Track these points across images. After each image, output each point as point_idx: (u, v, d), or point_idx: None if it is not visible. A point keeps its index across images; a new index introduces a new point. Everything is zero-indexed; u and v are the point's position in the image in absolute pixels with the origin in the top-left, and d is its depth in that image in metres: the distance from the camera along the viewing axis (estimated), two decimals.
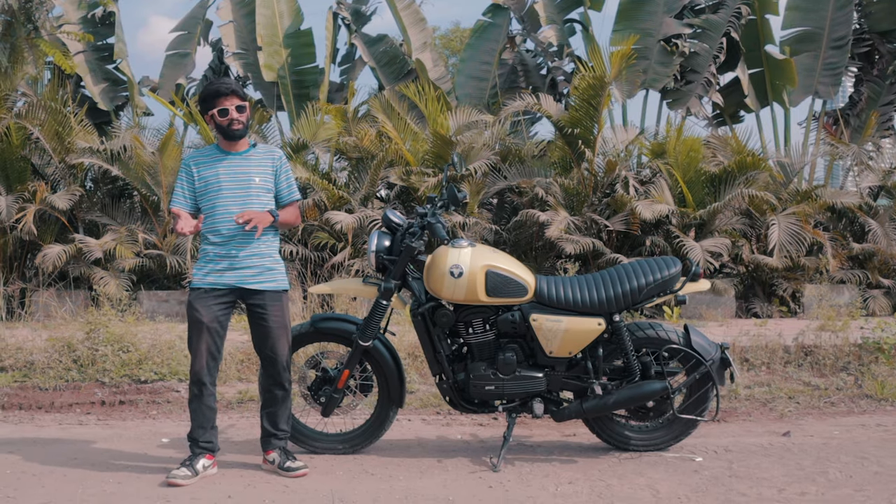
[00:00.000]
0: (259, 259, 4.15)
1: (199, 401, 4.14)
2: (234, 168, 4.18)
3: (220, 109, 4.11)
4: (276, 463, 4.20)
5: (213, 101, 4.11)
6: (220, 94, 4.11)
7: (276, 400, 4.26)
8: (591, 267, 9.65)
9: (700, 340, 4.39)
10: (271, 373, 4.24)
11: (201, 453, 4.13)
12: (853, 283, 9.94)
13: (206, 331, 4.10)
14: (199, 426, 4.15)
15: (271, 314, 4.17)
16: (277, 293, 4.21)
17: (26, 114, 10.14)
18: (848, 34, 12.36)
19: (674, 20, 12.46)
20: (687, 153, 9.81)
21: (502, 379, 4.27)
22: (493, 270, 4.23)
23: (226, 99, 4.11)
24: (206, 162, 4.21)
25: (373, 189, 10.37)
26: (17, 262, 10.08)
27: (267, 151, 4.32)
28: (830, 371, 6.34)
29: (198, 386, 4.13)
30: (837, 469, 4.16)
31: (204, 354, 4.11)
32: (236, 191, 4.15)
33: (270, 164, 4.26)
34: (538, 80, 14.16)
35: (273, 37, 13.57)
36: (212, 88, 4.15)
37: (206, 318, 4.09)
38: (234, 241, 4.12)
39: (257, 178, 4.19)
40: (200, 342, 4.10)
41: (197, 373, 4.12)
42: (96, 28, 13.42)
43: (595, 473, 4.13)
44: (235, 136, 4.17)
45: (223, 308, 4.15)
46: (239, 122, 4.14)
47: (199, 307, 4.10)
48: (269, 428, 4.27)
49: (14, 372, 6.38)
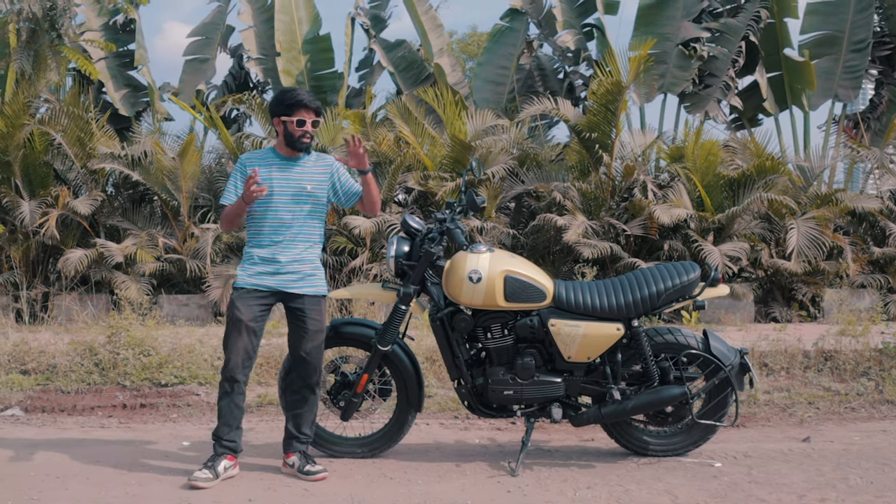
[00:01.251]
0: (301, 264, 4.23)
1: (229, 398, 4.20)
2: (288, 174, 4.24)
3: (299, 120, 4.17)
4: (296, 466, 4.23)
5: (296, 109, 4.17)
6: (304, 105, 4.18)
7: (305, 402, 4.30)
8: (609, 271, 9.63)
9: (719, 345, 4.39)
10: (302, 374, 4.29)
11: (223, 453, 4.18)
12: (874, 287, 9.86)
13: (245, 329, 4.16)
14: (225, 423, 4.21)
15: (310, 317, 4.24)
16: (317, 298, 4.27)
17: (49, 120, 10.25)
18: (868, 37, 12.27)
19: (692, 24, 12.43)
20: (705, 157, 9.77)
21: (521, 384, 4.28)
22: (512, 276, 4.24)
23: (307, 111, 4.18)
24: (261, 164, 4.24)
25: (391, 193, 10.40)
26: (39, 266, 10.19)
27: (319, 158, 4.37)
28: (851, 376, 6.30)
29: (230, 383, 4.18)
30: (858, 475, 4.14)
31: (241, 352, 4.17)
32: (287, 196, 4.21)
33: (325, 172, 4.33)
34: (556, 84, 14.15)
35: (292, 42, 13.65)
36: (297, 97, 4.20)
37: (246, 318, 4.15)
38: (279, 246, 4.20)
39: (309, 186, 4.24)
40: (238, 340, 4.16)
41: (231, 369, 4.17)
42: (117, 35, 13.55)
43: (613, 479, 4.13)
44: (302, 148, 4.23)
45: (262, 309, 4.22)
46: (309, 137, 4.23)
47: (241, 306, 4.17)
48: (293, 430, 4.31)
49: (37, 375, 6.45)
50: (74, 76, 12.76)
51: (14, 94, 10.07)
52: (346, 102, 13.50)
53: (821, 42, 12.54)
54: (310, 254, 4.27)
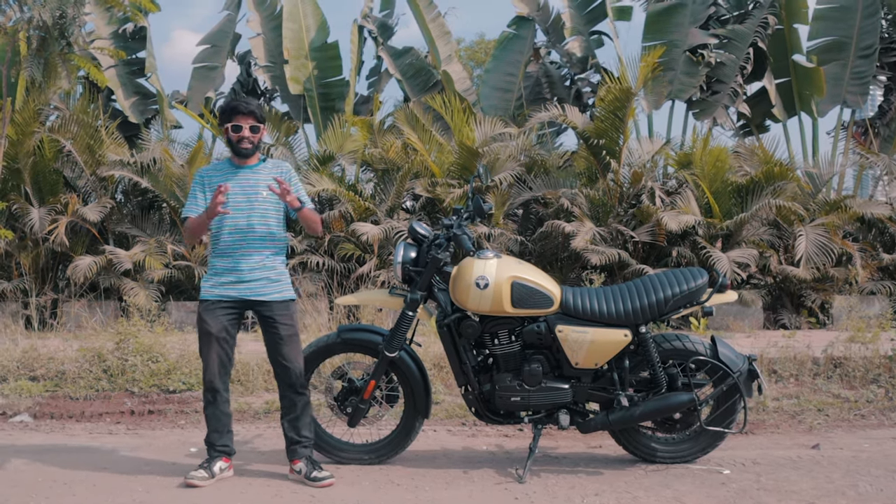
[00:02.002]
0: (264, 271, 4.24)
1: (213, 407, 4.26)
2: (243, 181, 4.26)
3: (234, 126, 4.22)
4: (303, 473, 4.24)
5: (231, 116, 4.24)
6: (238, 111, 4.23)
7: (296, 405, 4.32)
8: (617, 278, 9.62)
9: (727, 352, 4.37)
10: (286, 381, 4.31)
11: (218, 456, 4.25)
12: (883, 294, 9.82)
13: (216, 341, 4.20)
14: (214, 430, 4.27)
15: (281, 323, 4.26)
16: (285, 303, 4.29)
17: (59, 127, 10.32)
18: (876, 43, 12.25)
19: (700, 31, 12.43)
20: (713, 163, 9.76)
21: (528, 390, 4.27)
22: (519, 282, 4.23)
23: (242, 117, 4.22)
24: (217, 176, 4.30)
25: (399, 200, 10.42)
26: (49, 273, 10.24)
27: (275, 165, 4.40)
28: (860, 383, 6.27)
29: (212, 393, 4.25)
30: (868, 482, 4.12)
31: (215, 363, 4.22)
32: (243, 203, 4.22)
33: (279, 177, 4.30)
34: (563, 91, 14.16)
35: (300, 50, 13.70)
36: (232, 104, 4.29)
37: (215, 329, 4.20)
38: (240, 254, 4.22)
39: (264, 192, 4.25)
40: (211, 351, 4.21)
41: (210, 381, 4.23)
42: (127, 43, 13.63)
43: (621, 485, 4.12)
44: (242, 153, 4.27)
45: (231, 318, 4.25)
46: (249, 142, 4.24)
47: (208, 318, 4.21)
48: (292, 435, 4.32)
49: (46, 381, 6.48)
50: (84, 84, 12.83)
51: (24, 102, 10.15)
52: (354, 110, 13.54)
53: (829, 48, 12.52)
54: (272, 260, 4.27)
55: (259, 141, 4.30)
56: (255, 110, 4.25)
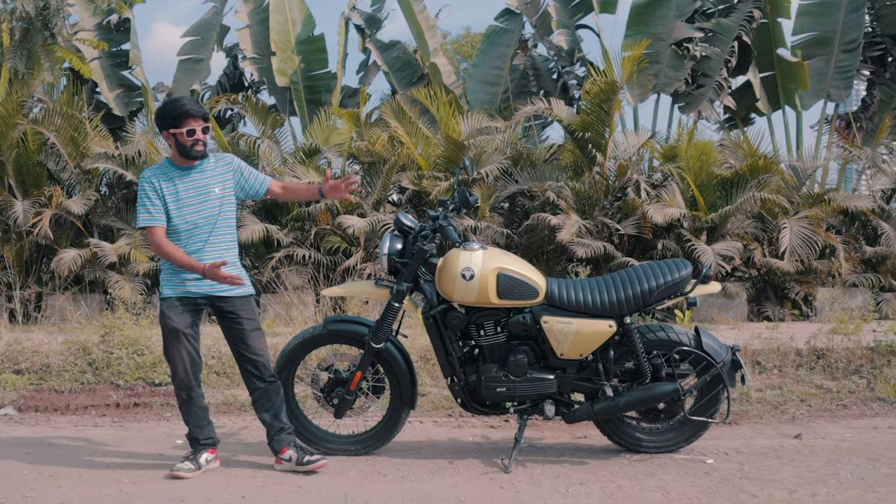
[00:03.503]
0: (226, 268, 4.14)
1: (189, 405, 4.26)
2: (193, 182, 4.21)
3: (189, 130, 4.10)
4: (294, 460, 4.24)
5: (184, 120, 4.10)
6: (190, 114, 4.11)
7: (268, 393, 4.31)
8: (603, 270, 9.65)
9: (711, 342, 4.40)
10: (255, 373, 4.30)
11: (204, 448, 4.27)
12: (866, 286, 9.90)
13: (184, 337, 4.18)
14: (196, 426, 4.28)
15: (244, 317, 4.26)
16: (246, 297, 4.29)
17: (43, 119, 10.23)
18: (860, 37, 12.32)
19: (685, 24, 12.46)
20: (698, 157, 9.81)
21: (513, 381, 4.29)
22: (505, 273, 4.25)
23: (195, 120, 4.12)
24: (164, 178, 4.20)
25: (385, 193, 10.42)
26: (33, 266, 10.18)
27: (219, 160, 4.34)
28: (842, 374, 6.33)
29: (186, 391, 4.23)
30: (849, 471, 4.17)
31: (185, 360, 4.20)
32: (197, 204, 4.18)
33: (229, 172, 4.31)
34: (550, 84, 14.18)
35: (286, 42, 13.65)
36: (182, 109, 4.11)
37: (182, 326, 4.17)
38: (199, 253, 4.17)
39: (217, 189, 4.23)
40: (180, 349, 4.18)
41: (182, 379, 4.20)
42: (111, 34, 13.53)
43: (606, 475, 4.15)
44: (196, 156, 4.18)
45: (194, 314, 4.25)
46: (203, 144, 4.18)
47: (173, 315, 4.17)
48: (271, 421, 4.32)
49: (30, 375, 6.45)
50: (68, 76, 12.73)
51: (7, 94, 10.07)
52: (341, 103, 13.50)
53: (813, 42, 12.58)
54: (229, 255, 4.25)
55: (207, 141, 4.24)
56: (205, 112, 4.19)
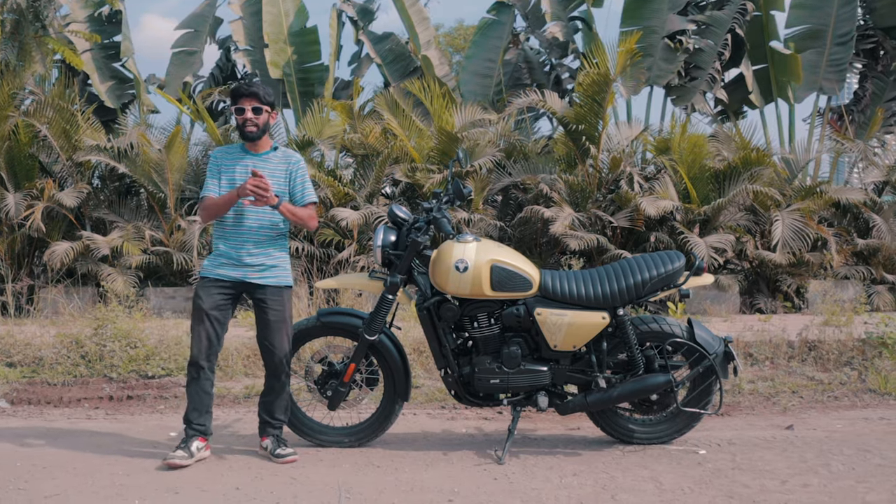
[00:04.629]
0: (263, 256, 4.30)
1: (196, 384, 4.29)
2: (250, 169, 4.25)
3: (238, 108, 4.27)
4: (269, 449, 4.34)
5: (235, 99, 4.30)
6: (240, 93, 4.29)
7: (273, 390, 4.39)
8: (596, 263, 9.66)
9: (703, 334, 4.42)
10: (269, 364, 4.38)
11: (195, 435, 4.29)
12: (857, 278, 9.94)
13: (206, 317, 4.24)
14: (194, 408, 4.31)
15: (271, 308, 4.31)
16: (279, 289, 4.33)
17: (34, 112, 10.18)
18: (852, 30, 12.34)
19: (678, 17, 12.46)
20: (691, 149, 9.81)
21: (507, 372, 4.31)
22: (498, 265, 4.26)
23: (245, 99, 4.27)
24: (229, 159, 4.38)
25: (378, 186, 10.40)
26: (25, 259, 10.13)
27: (285, 156, 4.44)
28: (834, 366, 6.36)
29: (196, 369, 4.28)
30: (840, 462, 4.20)
31: (203, 339, 4.26)
32: None
33: (285, 168, 4.38)
34: (542, 77, 14.17)
35: (278, 34, 13.61)
36: (235, 88, 4.34)
37: (207, 305, 4.24)
38: (242, 238, 4.28)
39: (270, 181, 4.25)
40: (201, 328, 4.26)
41: (195, 356, 4.27)
42: (103, 27, 13.46)
43: (599, 466, 4.17)
44: (248, 136, 4.31)
45: (225, 298, 4.29)
46: (252, 124, 4.27)
47: (202, 294, 4.26)
48: (265, 416, 4.42)
49: (23, 367, 6.44)
50: (60, 68, 12.67)
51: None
52: (334, 95, 13.47)
53: (806, 35, 12.60)
54: (272, 246, 4.33)
55: (265, 124, 4.32)
56: (257, 91, 4.28)
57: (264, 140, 4.38)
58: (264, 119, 4.29)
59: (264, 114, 4.29)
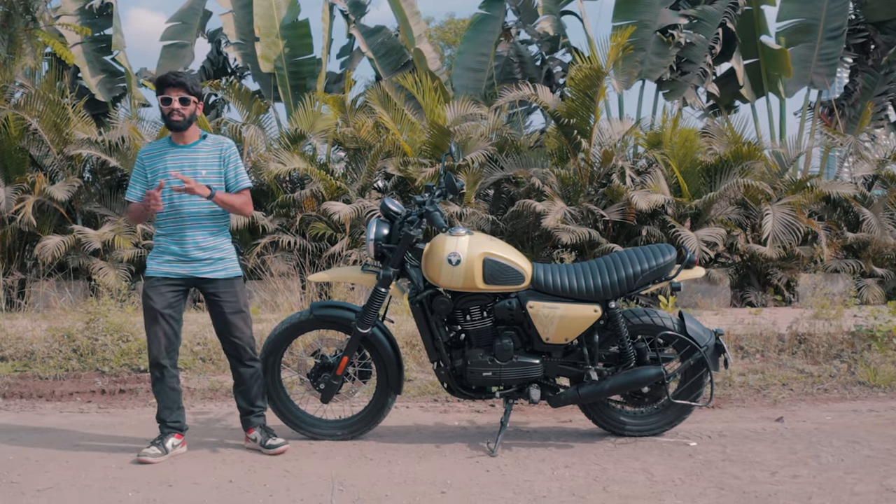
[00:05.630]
0: (208, 250, 4.26)
1: (161, 383, 4.29)
2: (181, 161, 4.25)
3: (164, 98, 4.19)
4: (259, 441, 4.34)
5: (163, 88, 4.21)
6: (167, 83, 4.21)
7: (244, 378, 4.39)
8: (588, 256, 9.69)
9: (694, 327, 4.44)
10: (233, 354, 4.38)
11: (170, 432, 4.29)
12: (847, 272, 10.00)
13: (161, 317, 4.22)
14: (165, 407, 4.31)
15: (225, 300, 4.30)
16: (229, 280, 4.33)
17: (24, 105, 10.14)
18: (843, 25, 12.38)
19: (670, 11, 12.48)
20: (683, 143, 9.85)
21: (499, 365, 4.32)
22: (491, 258, 4.27)
23: (172, 89, 4.19)
24: (155, 155, 4.31)
25: (370, 179, 10.41)
26: (16, 252, 10.10)
27: (215, 143, 4.37)
28: (824, 358, 6.40)
29: (158, 369, 4.27)
30: (829, 453, 4.23)
31: (161, 340, 4.24)
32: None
33: (218, 155, 4.33)
34: (534, 71, 14.17)
35: (270, 28, 13.58)
36: (162, 76, 4.26)
37: (160, 305, 4.22)
38: (183, 233, 4.23)
39: (203, 171, 4.25)
40: (156, 328, 4.23)
41: (155, 357, 4.25)
42: (93, 19, 13.40)
43: (591, 458, 4.19)
44: (173, 126, 4.24)
45: (176, 295, 4.28)
46: (179, 115, 4.21)
47: (153, 295, 4.23)
48: (244, 406, 4.42)
49: (14, 361, 6.42)
50: (50, 61, 12.62)
51: None
52: (325, 88, 13.44)
53: (797, 30, 12.64)
54: (215, 238, 4.30)
55: (191, 114, 4.25)
56: (184, 81, 4.21)
57: (192, 130, 4.30)
58: (191, 110, 4.24)
59: (191, 104, 4.22)
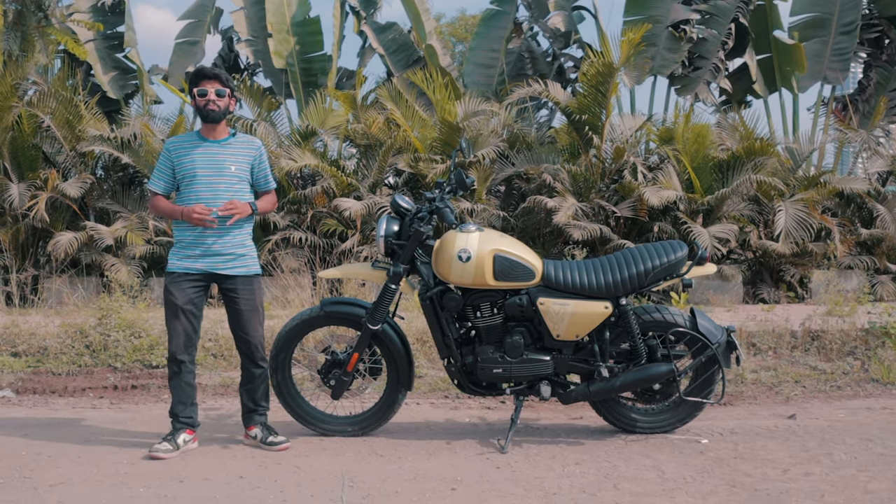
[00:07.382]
0: (231, 247, 4.28)
1: (178, 378, 4.31)
2: (210, 156, 4.27)
3: (200, 90, 4.22)
4: (259, 438, 4.36)
5: (198, 81, 4.25)
6: (203, 75, 4.26)
7: (253, 377, 4.41)
8: (599, 253, 9.66)
9: (706, 323, 4.42)
10: (245, 352, 4.40)
11: (182, 428, 4.31)
12: (861, 268, 9.93)
13: (182, 313, 4.25)
14: (179, 402, 4.32)
15: (242, 297, 4.32)
16: (248, 277, 4.34)
17: (37, 102, 10.19)
18: (857, 19, 12.30)
19: (682, 6, 12.42)
20: (695, 139, 9.79)
21: (510, 362, 4.31)
22: (501, 254, 4.26)
23: (207, 81, 4.24)
24: (184, 148, 4.32)
25: (381, 176, 10.41)
26: (29, 249, 10.16)
27: (247, 141, 4.41)
28: (837, 356, 6.37)
29: (176, 364, 4.29)
30: (842, 451, 4.20)
31: (181, 335, 4.26)
32: (210, 178, 4.25)
33: (248, 154, 4.36)
34: (545, 67, 14.15)
35: (281, 24, 13.61)
36: (198, 69, 4.32)
37: (181, 301, 4.24)
38: (207, 229, 4.24)
39: (233, 167, 4.28)
40: (177, 323, 4.26)
41: (174, 352, 4.28)
42: (106, 17, 13.46)
43: (601, 455, 4.18)
44: (209, 117, 4.25)
45: (197, 291, 4.29)
46: (215, 105, 4.23)
47: (174, 290, 4.25)
48: (248, 404, 4.44)
49: (28, 357, 6.47)
50: (63, 58, 12.67)
51: (1, 76, 10.00)
52: (336, 85, 13.47)
53: (810, 24, 12.57)
54: (238, 235, 4.31)
55: (226, 108, 4.28)
56: (219, 74, 4.27)
57: (222, 126, 4.32)
58: (226, 102, 4.26)
59: (226, 97, 4.26)
